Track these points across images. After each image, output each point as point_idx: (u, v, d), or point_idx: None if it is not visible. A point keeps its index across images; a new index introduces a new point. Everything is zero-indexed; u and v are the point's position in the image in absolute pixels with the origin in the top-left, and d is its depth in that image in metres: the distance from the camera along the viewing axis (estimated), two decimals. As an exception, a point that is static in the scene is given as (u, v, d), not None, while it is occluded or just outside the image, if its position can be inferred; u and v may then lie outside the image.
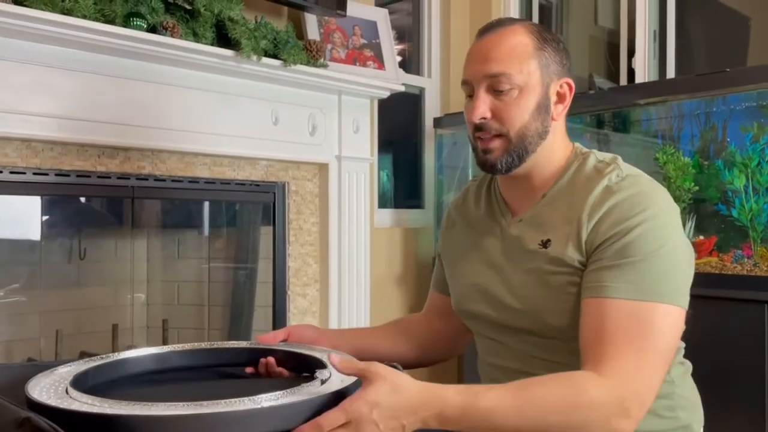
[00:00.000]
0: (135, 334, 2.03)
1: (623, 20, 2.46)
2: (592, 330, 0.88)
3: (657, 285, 0.88)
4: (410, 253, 2.56)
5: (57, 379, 0.81)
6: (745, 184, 1.77)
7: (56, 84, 1.52)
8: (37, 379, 0.81)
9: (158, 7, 1.65)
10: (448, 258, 1.16)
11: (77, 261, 1.93)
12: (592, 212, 0.93)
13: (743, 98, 1.82)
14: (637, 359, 0.84)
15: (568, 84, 1.01)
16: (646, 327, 0.86)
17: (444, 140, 2.58)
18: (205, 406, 0.68)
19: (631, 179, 0.95)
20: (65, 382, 0.78)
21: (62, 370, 0.86)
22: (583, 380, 0.83)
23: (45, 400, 0.72)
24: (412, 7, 2.70)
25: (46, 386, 0.78)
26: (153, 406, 0.68)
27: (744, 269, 1.75)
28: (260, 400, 0.71)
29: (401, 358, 1.08)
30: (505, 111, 0.97)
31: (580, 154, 1.03)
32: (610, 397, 0.82)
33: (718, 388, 0.89)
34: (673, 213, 0.94)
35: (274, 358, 0.98)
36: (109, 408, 0.69)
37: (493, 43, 0.99)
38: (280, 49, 1.83)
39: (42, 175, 1.55)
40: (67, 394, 0.74)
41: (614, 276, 0.88)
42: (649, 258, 0.88)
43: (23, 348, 1.82)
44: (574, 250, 0.93)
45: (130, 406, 0.69)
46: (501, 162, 0.99)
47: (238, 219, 2.21)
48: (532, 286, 0.97)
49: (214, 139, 1.81)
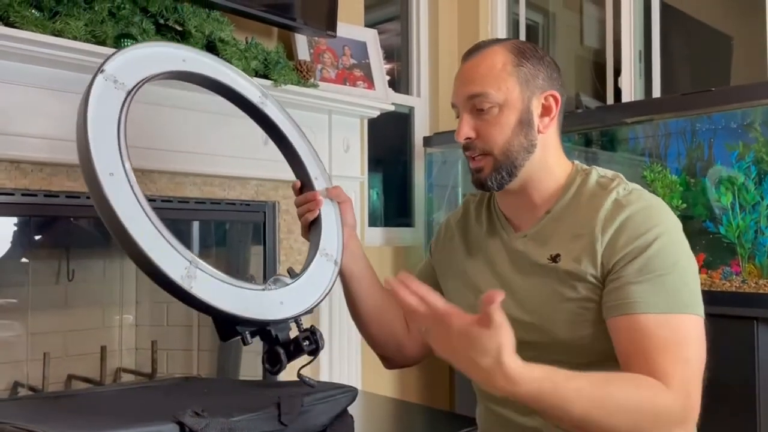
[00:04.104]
0: (124, 355, 2.01)
1: (609, 40, 2.50)
2: (633, 346, 0.90)
3: (684, 297, 0.91)
4: (400, 271, 2.55)
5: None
6: (732, 202, 1.79)
7: (46, 105, 1.51)
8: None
9: (149, 29, 1.65)
10: (444, 269, 1.16)
11: (65, 282, 1.92)
12: (606, 226, 0.95)
13: (728, 117, 1.85)
14: (685, 369, 0.87)
15: (554, 96, 1.03)
16: (684, 338, 0.89)
17: (434, 159, 2.59)
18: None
19: (637, 193, 0.99)
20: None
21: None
22: (656, 387, 0.85)
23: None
24: (400, 27, 2.73)
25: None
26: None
27: (733, 286, 1.77)
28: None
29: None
30: (487, 129, 1.00)
31: (581, 170, 1.05)
32: (677, 407, 0.85)
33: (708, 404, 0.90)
34: (679, 225, 0.98)
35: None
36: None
37: (474, 65, 1.03)
38: (270, 69, 1.84)
39: (31, 196, 1.54)
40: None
41: (642, 291, 0.90)
42: (671, 272, 0.91)
43: (9, 371, 1.79)
44: (589, 264, 0.94)
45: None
46: (491, 179, 1.01)
47: (228, 238, 2.20)
48: (542, 300, 0.98)
49: (204, 159, 1.80)
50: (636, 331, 0.89)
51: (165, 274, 0.85)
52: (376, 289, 1.20)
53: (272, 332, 0.94)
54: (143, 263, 0.86)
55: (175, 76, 1.09)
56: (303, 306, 1.00)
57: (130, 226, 0.85)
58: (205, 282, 0.89)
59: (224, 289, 0.92)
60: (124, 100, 0.97)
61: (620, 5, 2.41)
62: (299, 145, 1.20)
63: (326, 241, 1.12)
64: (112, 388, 1.21)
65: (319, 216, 1.14)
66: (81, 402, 1.03)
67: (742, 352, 1.67)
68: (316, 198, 1.14)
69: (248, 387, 1.17)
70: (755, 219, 1.76)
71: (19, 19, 1.40)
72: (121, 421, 0.85)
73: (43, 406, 0.99)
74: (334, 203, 1.18)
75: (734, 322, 1.69)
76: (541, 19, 2.92)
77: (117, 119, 0.94)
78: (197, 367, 2.08)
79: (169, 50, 1.08)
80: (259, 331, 0.94)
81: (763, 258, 1.74)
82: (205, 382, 1.34)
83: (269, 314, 0.94)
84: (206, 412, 0.83)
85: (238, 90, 1.16)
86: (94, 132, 0.89)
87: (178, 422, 0.81)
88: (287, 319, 0.97)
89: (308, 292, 1.03)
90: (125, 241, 0.86)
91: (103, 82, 0.95)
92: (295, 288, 1.02)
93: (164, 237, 0.88)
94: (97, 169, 0.87)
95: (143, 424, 0.81)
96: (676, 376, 0.86)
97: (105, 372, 1.93)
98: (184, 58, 1.09)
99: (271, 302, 0.97)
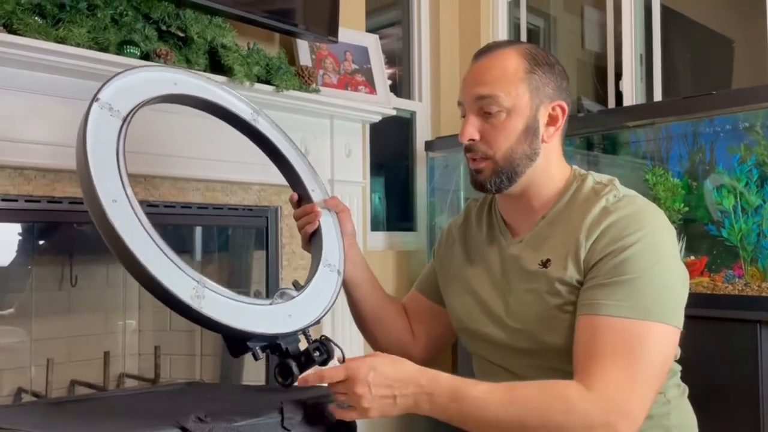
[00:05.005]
0: (127, 361, 2.01)
1: (610, 44, 2.50)
2: (583, 346, 0.89)
3: (650, 303, 0.89)
4: (403, 276, 2.56)
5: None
6: (734, 205, 1.79)
7: (50, 112, 1.52)
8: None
9: (151, 35, 1.66)
10: (445, 275, 1.16)
11: (68, 288, 1.92)
12: (590, 232, 0.94)
13: (729, 120, 1.85)
14: (624, 376, 0.85)
15: (561, 107, 1.02)
16: (637, 345, 0.87)
17: (436, 163, 2.59)
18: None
19: (628, 200, 0.96)
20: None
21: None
22: (568, 388, 0.85)
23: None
24: (402, 32, 2.74)
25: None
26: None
27: (735, 289, 1.76)
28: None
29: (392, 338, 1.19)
30: (493, 134, 0.99)
31: (578, 175, 1.04)
32: (593, 408, 0.83)
33: (710, 408, 0.89)
34: (668, 233, 0.95)
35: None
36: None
37: (485, 66, 1.01)
38: (272, 75, 1.85)
39: (34, 202, 1.54)
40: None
41: (608, 293, 0.89)
42: (642, 276, 0.90)
43: (13, 377, 1.79)
44: (574, 270, 0.94)
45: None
46: (490, 182, 1.01)
47: (231, 244, 2.21)
48: (530, 306, 0.98)
49: (206, 165, 1.81)
50: (590, 332, 0.89)
51: (176, 296, 0.87)
52: (379, 295, 1.21)
53: (282, 345, 0.95)
54: (153, 287, 0.88)
55: (167, 99, 1.11)
56: (310, 318, 1.01)
57: (137, 251, 0.87)
58: (213, 301, 0.91)
59: (233, 306, 0.93)
60: (120, 127, 0.99)
61: (621, 8, 2.41)
62: (294, 159, 1.21)
63: (328, 252, 1.12)
64: (116, 394, 1.21)
65: (319, 227, 1.14)
66: (84, 408, 1.03)
67: (745, 356, 1.66)
68: (315, 210, 1.14)
69: (251, 392, 1.17)
70: (757, 222, 1.75)
71: (23, 27, 1.41)
72: (125, 427, 0.85)
73: (47, 413, 0.99)
74: (332, 213, 1.18)
75: (737, 325, 1.69)
76: (542, 23, 2.92)
77: (115, 147, 0.97)
78: (200, 373, 2.08)
79: (160, 74, 1.10)
80: (269, 345, 0.95)
81: (765, 261, 1.74)
82: (208, 388, 1.34)
83: (278, 328, 0.95)
84: (209, 418, 0.83)
85: (230, 108, 1.18)
86: (95, 161, 0.91)
87: (181, 427, 0.81)
88: (296, 331, 0.98)
89: (314, 303, 1.04)
90: (134, 267, 0.88)
91: (98, 110, 0.98)
92: (301, 300, 1.03)
93: (171, 259, 0.90)
94: (100, 197, 0.88)
95: (147, 429, 0.81)
96: (606, 380, 0.84)
97: (108, 377, 1.93)
98: (175, 81, 1.11)
99: (279, 316, 0.97)
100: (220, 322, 0.89)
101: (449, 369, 2.52)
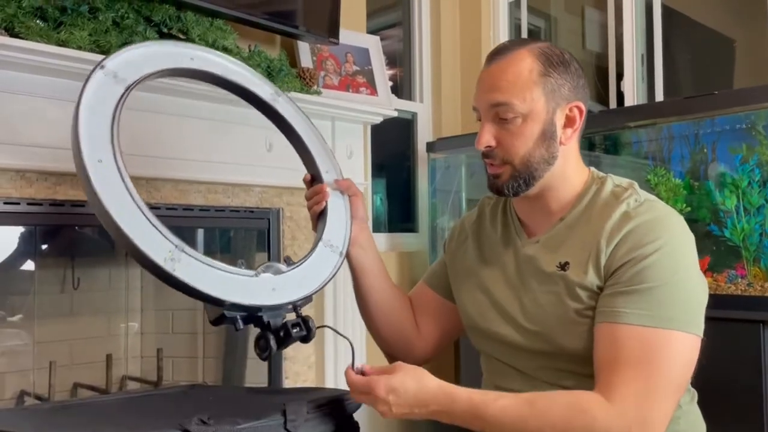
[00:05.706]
0: (129, 363, 2.01)
1: (611, 44, 2.50)
2: (604, 355, 0.89)
3: (671, 312, 0.88)
4: (405, 277, 2.55)
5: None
6: (736, 205, 1.79)
7: (51, 114, 1.52)
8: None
9: (153, 38, 1.66)
10: (457, 270, 1.16)
11: (71, 290, 1.92)
12: (611, 237, 0.94)
13: (731, 120, 1.85)
14: (645, 386, 0.85)
15: (578, 107, 1.01)
16: (658, 354, 0.86)
17: (437, 164, 2.59)
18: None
19: (648, 204, 0.96)
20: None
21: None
22: (590, 401, 0.84)
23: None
24: (403, 33, 2.74)
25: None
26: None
27: (738, 289, 1.76)
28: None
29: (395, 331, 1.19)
30: (509, 140, 0.98)
31: (597, 178, 1.03)
32: (613, 422, 0.83)
33: (714, 408, 0.89)
34: (689, 240, 0.95)
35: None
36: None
37: (499, 70, 0.99)
38: (273, 76, 1.85)
39: (36, 205, 1.54)
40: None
41: (628, 302, 0.89)
42: (663, 285, 0.89)
43: (16, 380, 1.80)
44: (594, 275, 0.94)
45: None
46: (507, 187, 1.01)
47: (233, 245, 2.21)
48: (547, 308, 0.97)
49: (208, 167, 1.81)
50: (611, 341, 0.88)
51: (148, 256, 0.87)
52: (386, 284, 1.19)
53: (264, 318, 0.94)
54: (128, 246, 0.88)
55: (181, 73, 1.10)
56: (298, 294, 1.00)
57: (112, 208, 0.87)
58: (189, 266, 0.91)
59: (211, 273, 0.93)
60: (122, 94, 0.97)
61: (622, 9, 2.41)
62: (310, 140, 1.22)
63: (331, 232, 1.12)
64: (118, 397, 1.21)
65: (326, 208, 1.14)
66: (87, 411, 1.03)
67: (748, 356, 1.66)
68: (323, 190, 1.14)
69: (254, 394, 1.17)
70: (760, 222, 1.75)
71: (24, 30, 1.41)
72: (127, 430, 0.85)
73: (50, 416, 0.99)
74: (345, 197, 1.17)
75: (740, 325, 1.69)
76: (543, 24, 2.92)
77: (113, 109, 0.95)
78: (203, 375, 2.08)
79: (176, 49, 1.10)
80: (251, 317, 0.95)
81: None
82: (210, 390, 1.34)
83: (258, 300, 0.95)
84: (212, 420, 0.83)
85: (250, 87, 1.17)
86: (86, 118, 0.91)
87: (184, 430, 0.81)
88: (280, 305, 0.97)
89: (307, 280, 1.03)
90: (108, 223, 0.88)
91: (102, 77, 0.97)
92: (291, 276, 1.02)
93: (151, 222, 0.90)
94: (84, 154, 0.88)
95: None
96: (628, 391, 0.84)
97: (111, 380, 1.93)
98: (192, 57, 1.10)
99: (261, 288, 0.97)
100: (193, 286, 0.89)
101: (452, 368, 2.52)
